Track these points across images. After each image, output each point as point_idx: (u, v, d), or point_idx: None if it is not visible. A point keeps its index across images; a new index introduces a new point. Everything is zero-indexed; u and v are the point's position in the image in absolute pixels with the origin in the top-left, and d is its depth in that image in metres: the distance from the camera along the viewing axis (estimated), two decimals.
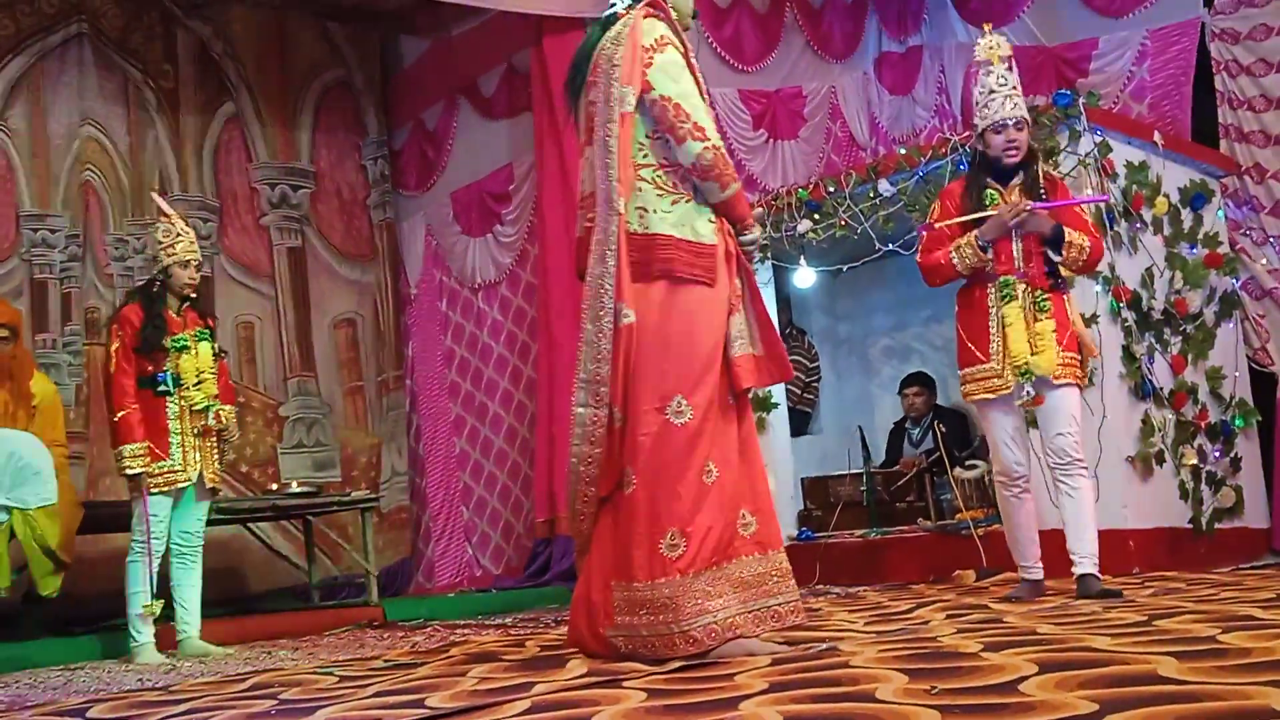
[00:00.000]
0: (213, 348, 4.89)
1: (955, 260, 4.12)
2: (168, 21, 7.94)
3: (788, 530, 6.45)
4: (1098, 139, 5.23)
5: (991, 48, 4.18)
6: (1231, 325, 5.83)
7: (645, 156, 3.05)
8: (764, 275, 6.66)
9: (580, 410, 3.03)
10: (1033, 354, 3.98)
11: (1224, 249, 5.85)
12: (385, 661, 3.66)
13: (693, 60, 3.13)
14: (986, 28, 4.34)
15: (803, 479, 6.76)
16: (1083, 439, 4.13)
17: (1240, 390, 5.79)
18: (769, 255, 6.60)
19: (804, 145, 7.74)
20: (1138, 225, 5.40)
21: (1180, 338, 5.54)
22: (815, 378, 7.60)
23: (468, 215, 8.37)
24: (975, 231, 4.07)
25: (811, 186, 6.33)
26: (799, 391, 7.40)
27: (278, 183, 8.36)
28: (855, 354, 7.86)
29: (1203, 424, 5.51)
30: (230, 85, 8.19)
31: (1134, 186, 5.41)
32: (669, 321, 2.97)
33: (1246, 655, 2.16)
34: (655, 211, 3.01)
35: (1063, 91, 5.34)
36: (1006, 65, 4.15)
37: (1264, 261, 6.07)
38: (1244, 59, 6.18)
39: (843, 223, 6.10)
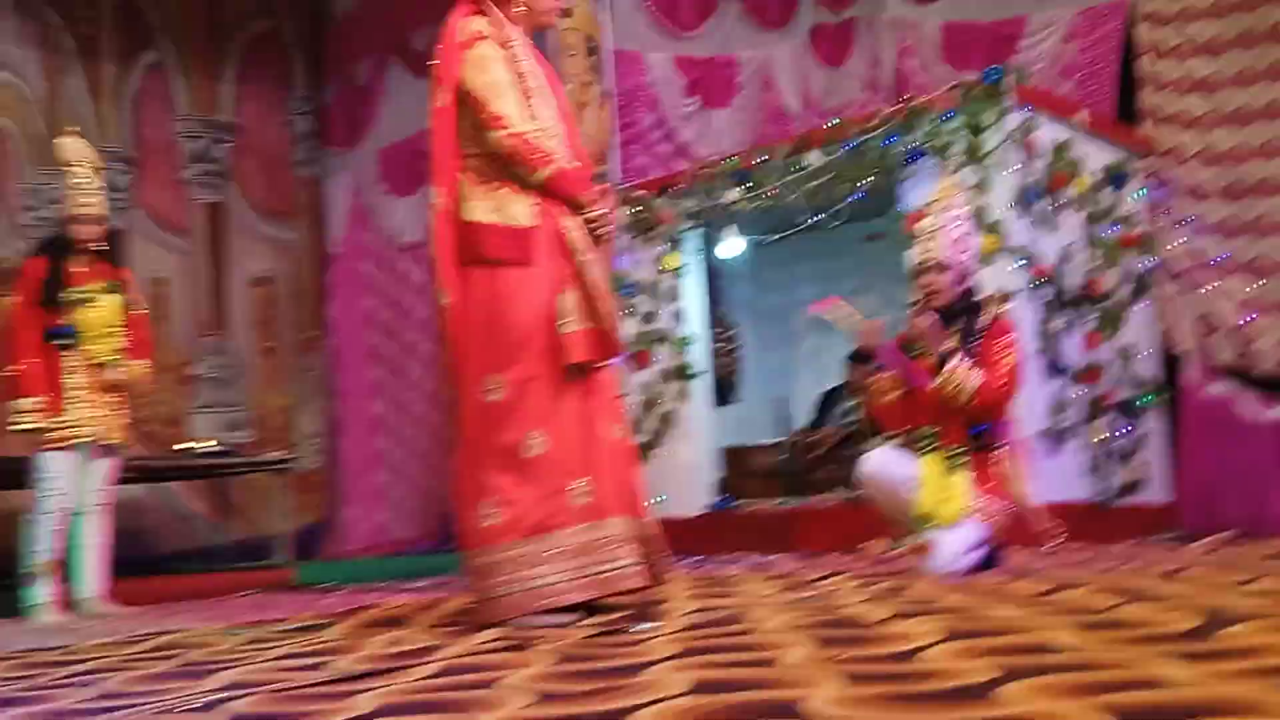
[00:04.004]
0: (123, 301, 4.76)
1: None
2: None
3: (706, 498, 6.49)
4: (1026, 115, 5.27)
5: (939, 191, 3.92)
6: (1145, 305, 5.93)
7: (470, 147, 3.12)
8: (694, 244, 6.64)
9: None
10: (937, 504, 3.67)
11: (1142, 229, 5.94)
12: (293, 624, 3.60)
13: (516, 51, 3.15)
14: (944, 175, 4.17)
15: (723, 448, 6.78)
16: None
17: (1151, 369, 5.90)
18: (702, 221, 6.57)
19: (736, 114, 7.72)
20: (1059, 203, 5.46)
21: (1097, 315, 5.62)
22: (734, 345, 7.60)
23: (396, 174, 8.23)
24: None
25: (742, 156, 6.31)
26: (720, 361, 7.41)
27: (199, 136, 8.16)
28: (780, 325, 7.89)
29: (1112, 401, 5.61)
30: (153, 33, 7.95)
31: (1056, 165, 5.47)
32: (483, 303, 3.07)
33: (1143, 626, 2.20)
34: (472, 199, 3.10)
35: (994, 68, 5.37)
36: (944, 206, 3.83)
37: (1179, 243, 6.16)
38: (1171, 40, 6.22)
39: (772, 193, 6.10)
